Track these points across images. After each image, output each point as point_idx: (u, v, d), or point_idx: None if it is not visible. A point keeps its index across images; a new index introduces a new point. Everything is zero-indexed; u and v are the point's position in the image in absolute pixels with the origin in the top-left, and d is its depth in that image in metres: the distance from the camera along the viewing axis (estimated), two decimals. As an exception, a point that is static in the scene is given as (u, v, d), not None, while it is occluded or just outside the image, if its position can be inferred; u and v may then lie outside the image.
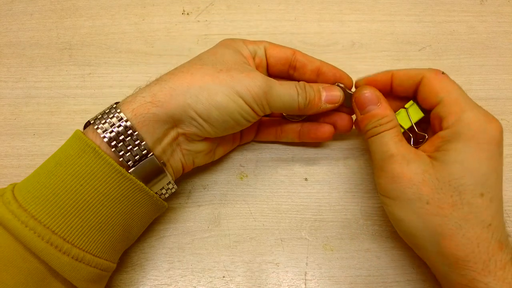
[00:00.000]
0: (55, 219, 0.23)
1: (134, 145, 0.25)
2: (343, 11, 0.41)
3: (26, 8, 0.41)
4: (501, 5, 0.41)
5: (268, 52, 0.31)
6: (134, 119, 0.25)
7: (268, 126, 0.34)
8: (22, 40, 0.40)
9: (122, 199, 0.25)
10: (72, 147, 0.25)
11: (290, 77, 0.32)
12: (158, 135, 0.26)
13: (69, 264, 0.23)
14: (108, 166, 0.24)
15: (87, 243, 0.24)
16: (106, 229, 0.25)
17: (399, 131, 0.27)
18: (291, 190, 0.33)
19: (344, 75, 0.31)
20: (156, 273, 0.31)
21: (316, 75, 0.31)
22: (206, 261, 0.31)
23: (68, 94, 0.37)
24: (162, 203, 0.28)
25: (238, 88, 0.26)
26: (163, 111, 0.25)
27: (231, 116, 0.27)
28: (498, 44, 0.39)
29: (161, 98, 0.26)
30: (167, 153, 0.28)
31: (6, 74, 0.38)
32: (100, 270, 0.25)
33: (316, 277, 0.31)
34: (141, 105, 0.25)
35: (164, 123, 0.26)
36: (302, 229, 0.32)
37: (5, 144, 0.35)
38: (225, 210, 0.33)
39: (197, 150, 0.30)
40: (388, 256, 0.31)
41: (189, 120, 0.27)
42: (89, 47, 0.39)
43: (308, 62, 0.31)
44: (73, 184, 0.24)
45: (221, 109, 0.26)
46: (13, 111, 0.37)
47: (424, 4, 0.41)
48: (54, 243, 0.23)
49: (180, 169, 0.30)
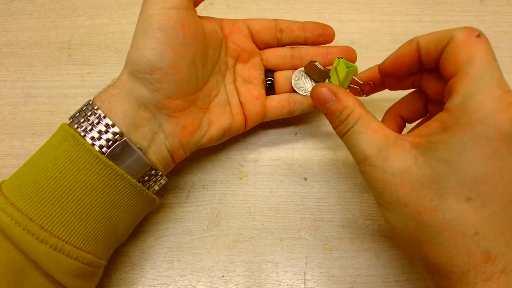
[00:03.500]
0: (33, 206, 0.23)
1: (107, 132, 0.25)
2: (343, 11, 0.41)
3: (25, 8, 0.41)
4: (500, 5, 0.41)
5: (249, 23, 0.32)
6: (102, 106, 0.26)
7: (280, 102, 0.33)
8: (21, 39, 0.40)
9: (103, 187, 0.24)
10: (56, 137, 0.25)
11: (279, 41, 0.33)
12: (129, 118, 0.26)
13: (47, 254, 0.23)
14: (87, 152, 0.24)
15: (67, 233, 0.23)
16: (87, 219, 0.24)
17: (368, 119, 0.24)
18: (291, 190, 0.33)
19: (327, 26, 0.32)
20: (155, 272, 0.31)
21: (303, 31, 0.32)
22: (206, 261, 0.31)
23: (67, 94, 0.37)
24: (149, 194, 0.27)
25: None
26: (123, 90, 0.26)
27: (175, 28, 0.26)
28: (498, 44, 0.39)
29: (120, 78, 0.27)
30: (147, 138, 0.27)
31: (5, 74, 0.38)
32: (84, 264, 0.24)
33: (316, 276, 0.31)
34: (105, 91, 0.26)
35: (127, 101, 0.26)
36: (301, 229, 0.32)
37: (4, 144, 0.35)
38: (224, 209, 0.33)
39: (180, 125, 0.28)
40: (387, 255, 0.31)
41: (143, 82, 0.26)
42: (88, 47, 0.39)
43: (292, 22, 0.32)
44: (53, 171, 0.24)
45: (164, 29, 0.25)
46: (12, 110, 0.37)
47: (423, 4, 0.41)
48: (31, 231, 0.22)
49: (167, 156, 0.28)
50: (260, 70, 0.33)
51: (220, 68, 0.31)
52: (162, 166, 0.28)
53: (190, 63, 0.27)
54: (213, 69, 0.30)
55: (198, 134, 0.29)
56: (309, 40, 0.32)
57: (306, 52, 0.33)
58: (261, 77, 0.33)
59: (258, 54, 0.33)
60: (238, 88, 0.32)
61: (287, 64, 0.33)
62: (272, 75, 0.33)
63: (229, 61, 0.32)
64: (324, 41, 0.33)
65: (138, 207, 0.27)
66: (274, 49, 0.33)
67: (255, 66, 0.33)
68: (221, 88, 0.31)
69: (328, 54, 0.32)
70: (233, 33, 0.32)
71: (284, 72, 0.33)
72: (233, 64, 0.32)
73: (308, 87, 0.32)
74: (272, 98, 0.33)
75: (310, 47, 0.33)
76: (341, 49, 0.33)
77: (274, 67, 0.33)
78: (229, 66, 0.32)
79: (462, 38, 0.21)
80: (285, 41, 0.33)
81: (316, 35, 0.32)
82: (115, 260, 0.31)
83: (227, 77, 0.32)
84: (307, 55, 0.33)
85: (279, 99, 0.33)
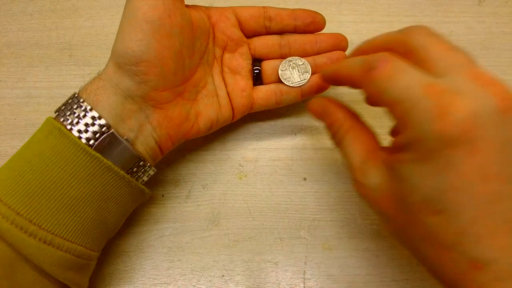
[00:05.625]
0: (19, 200, 0.23)
1: (94, 125, 0.25)
2: (342, 12, 0.41)
3: (26, 8, 0.41)
4: (499, 6, 0.41)
5: (237, 10, 0.31)
6: (88, 99, 0.25)
7: (266, 93, 0.32)
8: (22, 40, 0.40)
9: (91, 179, 0.24)
10: (41, 131, 0.25)
11: (267, 30, 0.32)
12: (116, 110, 0.26)
13: (37, 247, 0.22)
14: (73, 145, 0.24)
15: (56, 226, 0.23)
16: (76, 211, 0.24)
17: (357, 132, 0.24)
18: (290, 190, 0.34)
19: (317, 14, 0.31)
20: (155, 272, 0.31)
21: (293, 19, 0.31)
22: (206, 260, 0.31)
23: (68, 94, 0.37)
24: (138, 185, 0.27)
25: None
26: (109, 82, 0.26)
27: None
28: (496, 45, 0.39)
29: (106, 70, 0.26)
30: (134, 129, 0.27)
31: (6, 74, 0.38)
32: (75, 256, 0.24)
33: (315, 276, 0.31)
34: (91, 84, 0.26)
35: (114, 94, 0.26)
36: (301, 229, 0.32)
37: (5, 144, 0.35)
38: (224, 209, 0.33)
39: (167, 117, 0.28)
40: (386, 255, 0.31)
41: (129, 74, 0.26)
42: (89, 47, 0.39)
43: (281, 10, 0.31)
44: (39, 164, 0.24)
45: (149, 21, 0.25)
46: (13, 111, 0.37)
47: (422, 5, 0.41)
48: (19, 225, 0.22)
49: (154, 147, 0.28)
50: (248, 59, 0.32)
51: (208, 59, 0.31)
52: (150, 156, 0.28)
53: (177, 55, 0.27)
54: (201, 60, 0.30)
55: (185, 126, 0.29)
56: (299, 28, 0.32)
57: (295, 40, 0.32)
58: (248, 67, 0.32)
59: (245, 43, 0.32)
60: (226, 79, 0.32)
61: (275, 53, 0.32)
62: (259, 64, 0.32)
63: (217, 51, 0.31)
64: (315, 29, 0.32)
65: (127, 199, 0.27)
66: (262, 38, 0.32)
67: (243, 56, 0.32)
68: (208, 79, 0.31)
69: (317, 42, 0.32)
70: (220, 22, 0.31)
71: (272, 61, 0.32)
72: (220, 54, 0.32)
73: (295, 78, 0.32)
74: (259, 89, 0.32)
75: (299, 35, 0.32)
76: (331, 37, 0.32)
77: (261, 56, 0.33)
78: (216, 56, 0.32)
79: (361, 77, 0.21)
80: (274, 30, 0.32)
81: (306, 24, 0.31)
82: (115, 260, 0.31)
83: (214, 68, 0.31)
84: (296, 43, 0.32)
85: (266, 90, 0.32)
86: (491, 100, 0.18)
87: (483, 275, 0.18)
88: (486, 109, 0.18)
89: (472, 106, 0.18)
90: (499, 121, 0.18)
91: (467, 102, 0.18)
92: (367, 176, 0.22)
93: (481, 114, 0.18)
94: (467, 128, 0.18)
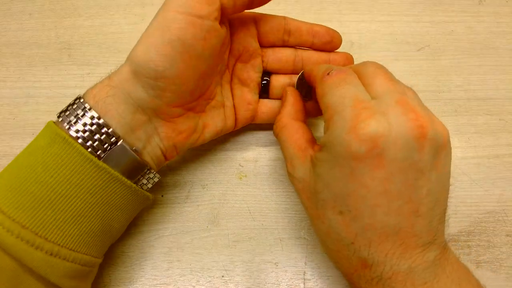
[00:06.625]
0: (25, 212, 0.22)
1: (101, 133, 0.24)
2: (342, 11, 0.41)
3: (25, 8, 0.41)
4: (499, 6, 0.41)
5: (258, 20, 0.30)
6: (96, 106, 0.24)
7: (270, 108, 0.33)
8: (21, 39, 0.40)
9: (97, 190, 0.24)
10: (44, 137, 0.24)
11: (285, 43, 0.31)
12: (125, 120, 0.25)
13: (43, 260, 0.22)
14: (79, 155, 0.23)
15: (62, 237, 0.23)
16: (82, 221, 0.24)
17: (293, 129, 0.27)
18: (290, 190, 0.34)
19: (335, 33, 0.31)
20: (155, 272, 0.31)
21: (312, 36, 0.31)
22: (205, 261, 0.31)
23: (67, 94, 0.37)
24: (144, 193, 0.27)
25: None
26: (120, 90, 0.25)
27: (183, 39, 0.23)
28: (497, 45, 0.39)
29: (119, 76, 0.25)
30: (142, 139, 0.26)
31: (5, 74, 0.38)
32: (80, 265, 0.24)
33: (315, 276, 0.31)
34: (99, 90, 0.25)
35: (124, 103, 0.25)
36: (301, 229, 0.32)
37: (4, 144, 0.35)
38: (224, 209, 0.33)
39: (176, 131, 0.28)
40: (386, 255, 0.31)
41: (145, 85, 0.24)
42: (88, 47, 0.39)
43: (301, 24, 0.31)
44: (44, 175, 0.23)
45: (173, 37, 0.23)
46: (12, 110, 0.37)
47: (423, 4, 0.41)
48: (25, 238, 0.22)
49: (160, 156, 0.28)
50: (259, 72, 0.32)
51: (221, 69, 0.30)
52: (155, 164, 0.28)
53: (200, 76, 0.26)
54: (217, 76, 0.30)
55: (192, 138, 0.29)
56: (316, 45, 0.31)
57: (309, 57, 0.32)
58: (257, 80, 0.32)
59: (259, 55, 0.31)
60: (233, 90, 0.32)
61: (287, 69, 0.32)
62: (268, 77, 0.32)
63: (230, 60, 0.31)
64: (331, 49, 0.32)
65: (132, 206, 0.27)
66: (277, 50, 0.32)
67: (255, 68, 0.31)
68: (217, 89, 0.30)
69: (330, 61, 0.32)
70: (240, 32, 0.30)
71: (281, 77, 0.32)
72: (233, 63, 0.31)
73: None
74: (264, 104, 0.33)
75: (313, 52, 0.32)
76: (342, 57, 0.32)
77: (273, 71, 0.32)
78: (229, 66, 0.31)
79: (319, 77, 0.25)
80: (291, 43, 0.31)
81: (324, 42, 0.31)
82: (115, 260, 0.31)
83: (225, 76, 0.31)
84: (310, 61, 0.32)
85: (271, 105, 0.33)
86: (407, 125, 0.20)
87: (370, 273, 0.22)
88: (398, 131, 0.20)
89: (385, 126, 0.20)
90: (409, 145, 0.20)
91: (382, 121, 0.20)
92: (295, 169, 0.25)
93: (392, 135, 0.20)
94: (373, 145, 0.20)
